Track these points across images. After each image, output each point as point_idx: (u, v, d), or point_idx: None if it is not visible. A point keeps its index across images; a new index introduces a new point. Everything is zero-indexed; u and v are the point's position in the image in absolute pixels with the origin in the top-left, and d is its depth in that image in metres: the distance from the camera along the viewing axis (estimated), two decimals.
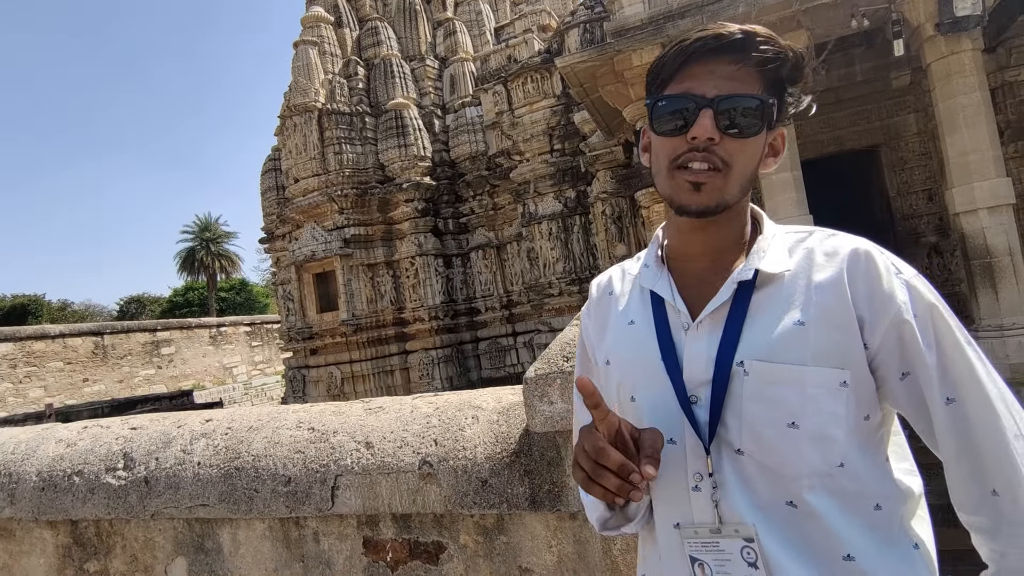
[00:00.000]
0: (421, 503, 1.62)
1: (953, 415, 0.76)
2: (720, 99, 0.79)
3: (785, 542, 0.76)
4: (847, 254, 0.80)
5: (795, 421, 0.76)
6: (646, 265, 0.93)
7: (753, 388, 0.78)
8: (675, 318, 0.86)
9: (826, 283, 0.79)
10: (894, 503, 0.79)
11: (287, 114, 11.42)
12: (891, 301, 0.77)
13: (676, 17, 6.52)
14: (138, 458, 2.02)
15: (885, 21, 6.07)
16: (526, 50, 11.76)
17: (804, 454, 0.76)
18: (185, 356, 20.61)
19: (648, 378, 0.85)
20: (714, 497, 0.79)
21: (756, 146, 0.82)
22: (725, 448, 0.80)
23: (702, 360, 0.81)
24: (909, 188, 8.37)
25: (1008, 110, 7.53)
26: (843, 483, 0.76)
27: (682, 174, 0.81)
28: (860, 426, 0.78)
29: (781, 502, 0.77)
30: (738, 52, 0.80)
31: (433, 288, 11.17)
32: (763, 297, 0.81)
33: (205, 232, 34.91)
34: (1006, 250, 5.60)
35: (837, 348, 0.77)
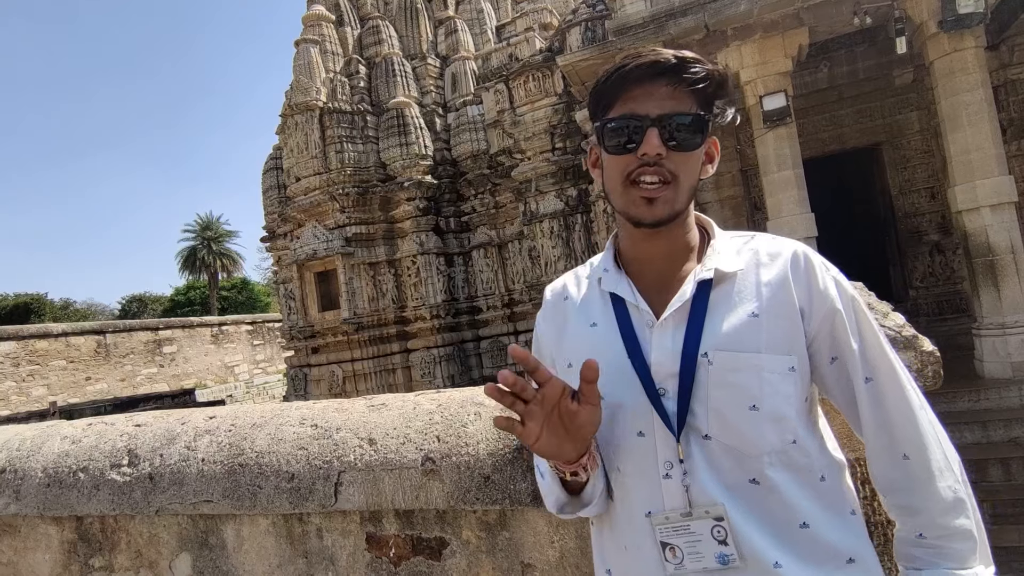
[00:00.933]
0: (424, 499, 1.63)
1: (871, 392, 0.88)
2: (663, 118, 0.87)
3: (750, 516, 0.83)
4: (789, 255, 0.91)
5: (755, 404, 0.84)
6: (605, 270, 0.99)
7: (717, 376, 0.85)
8: (638, 317, 0.92)
9: (774, 280, 0.89)
10: (835, 473, 0.89)
11: (288, 113, 11.43)
12: (826, 294, 0.88)
13: (678, 15, 6.52)
14: (143, 455, 2.03)
15: (887, 19, 6.07)
16: (528, 48, 11.76)
17: (764, 434, 0.85)
18: (187, 355, 20.64)
19: (615, 376, 0.90)
20: (684, 482, 0.85)
21: (698, 157, 0.91)
22: (693, 435, 0.87)
23: (668, 354, 0.88)
24: (911, 186, 8.36)
25: (1011, 108, 7.53)
26: (796, 458, 0.86)
27: (635, 190, 0.89)
28: (803, 406, 0.88)
29: (745, 480, 0.85)
30: (672, 75, 0.88)
31: (435, 287, 11.18)
32: (720, 294, 0.90)
33: (206, 231, 34.96)
34: (1008, 248, 5.60)
35: (786, 336, 0.87)
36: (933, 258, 8.16)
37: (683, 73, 0.87)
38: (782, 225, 6.48)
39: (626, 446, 0.90)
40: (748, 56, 6.52)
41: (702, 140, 0.89)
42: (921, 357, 1.12)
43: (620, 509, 0.92)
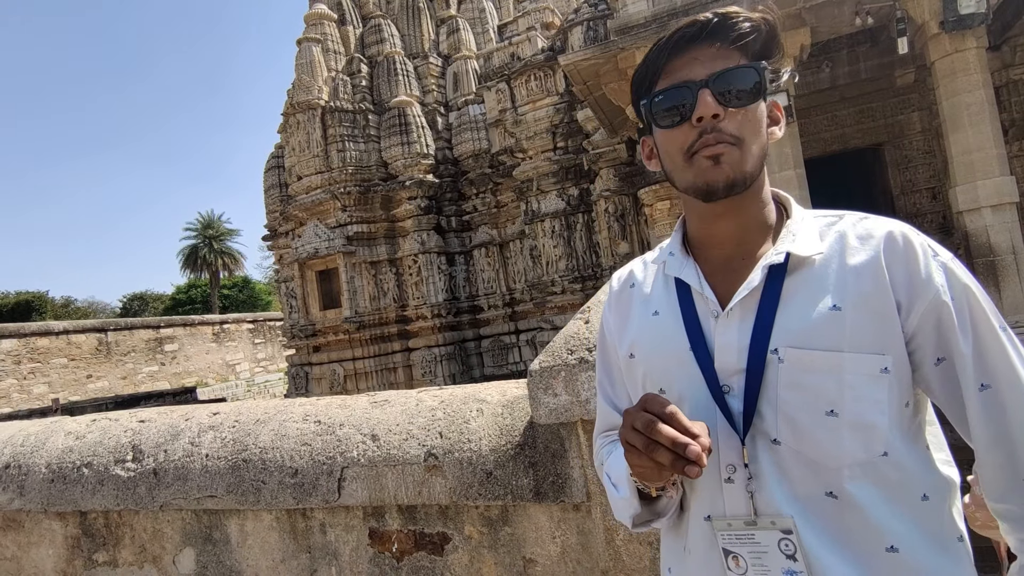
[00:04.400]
0: (427, 495, 1.64)
1: (987, 402, 0.74)
2: (713, 77, 0.78)
3: (824, 534, 0.74)
4: (883, 236, 0.78)
5: (834, 409, 0.75)
6: (671, 253, 0.90)
7: (788, 376, 0.76)
8: (703, 306, 0.84)
9: (862, 267, 0.77)
10: (940, 493, 0.78)
11: (290, 112, 11.44)
12: (929, 283, 0.75)
13: (680, 14, 6.51)
14: (147, 450, 2.04)
15: (889, 19, 6.06)
16: (529, 48, 11.77)
17: (844, 443, 0.74)
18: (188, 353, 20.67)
19: (677, 369, 0.83)
20: (749, 488, 0.78)
21: (759, 115, 0.81)
22: (760, 438, 0.78)
23: (734, 349, 0.80)
24: (913, 186, 8.36)
25: (1013, 108, 7.52)
26: (887, 472, 0.75)
27: (699, 157, 0.80)
28: (902, 413, 0.77)
29: (820, 493, 0.75)
30: (716, 35, 0.80)
31: (436, 286, 11.19)
32: (795, 282, 0.79)
33: (208, 229, 34.98)
34: (1009, 248, 5.59)
35: (876, 333, 0.75)
36: None
37: (727, 29, 0.79)
38: None
39: None
40: None
41: (760, 92, 0.80)
42: None
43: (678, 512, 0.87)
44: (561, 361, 1.46)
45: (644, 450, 0.71)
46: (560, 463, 1.52)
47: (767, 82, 0.81)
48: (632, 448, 0.73)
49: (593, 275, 10.11)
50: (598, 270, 10.12)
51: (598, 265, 10.22)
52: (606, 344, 0.99)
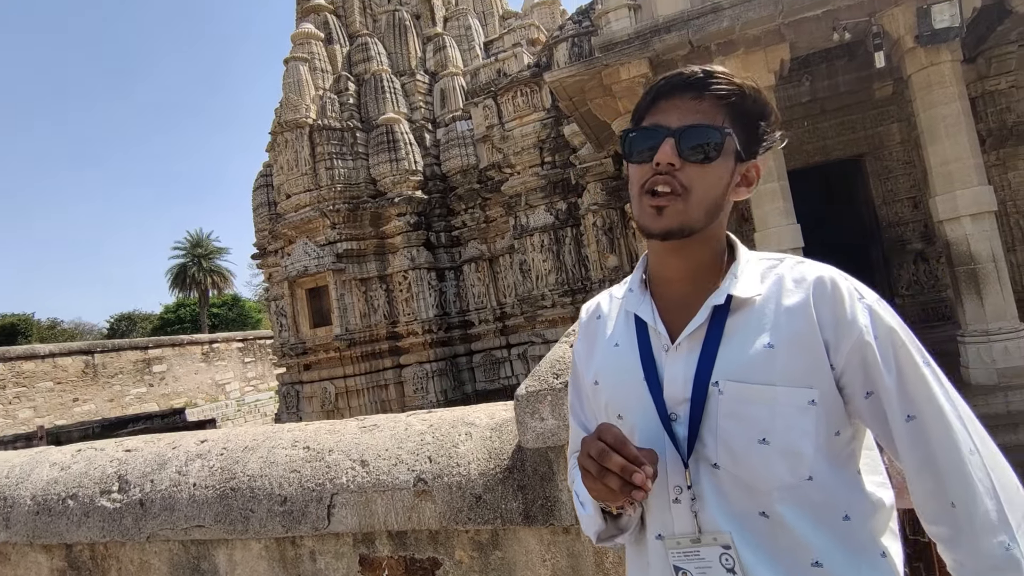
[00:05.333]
0: (416, 520, 1.64)
1: (913, 431, 0.80)
2: (682, 129, 0.85)
3: (758, 549, 0.81)
4: (813, 281, 0.85)
5: (765, 437, 0.81)
6: (631, 289, 0.98)
7: (727, 407, 0.83)
8: (656, 340, 0.91)
9: (794, 308, 0.84)
10: (863, 514, 0.83)
11: (278, 130, 11.47)
12: (853, 325, 0.81)
13: (662, 31, 6.62)
14: (133, 480, 2.03)
15: (866, 34, 6.20)
16: (515, 64, 11.89)
17: (774, 468, 0.81)
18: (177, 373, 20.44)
19: (633, 397, 0.91)
20: (693, 508, 0.84)
21: (718, 173, 0.87)
22: (703, 462, 0.85)
23: (680, 380, 0.87)
24: (894, 196, 8.49)
25: (989, 118, 7.69)
26: (812, 495, 0.81)
27: (648, 199, 0.87)
28: (831, 441, 0.83)
29: (754, 512, 0.82)
30: (698, 88, 0.86)
31: (426, 301, 11.18)
32: (737, 320, 0.86)
33: (197, 248, 34.78)
34: (989, 256, 5.69)
35: (805, 369, 0.82)
36: (918, 266, 8.28)
37: (707, 86, 0.86)
38: (769, 236, 6.56)
39: None
40: (732, 70, 6.60)
41: (719, 155, 0.86)
42: None
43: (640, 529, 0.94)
44: (547, 385, 1.47)
45: (597, 476, 0.79)
46: (549, 486, 1.53)
47: (736, 147, 0.87)
48: (587, 473, 0.81)
49: (583, 288, 10.15)
50: (588, 283, 10.17)
51: (588, 278, 10.27)
52: (576, 370, 1.06)
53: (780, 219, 6.53)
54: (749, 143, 0.88)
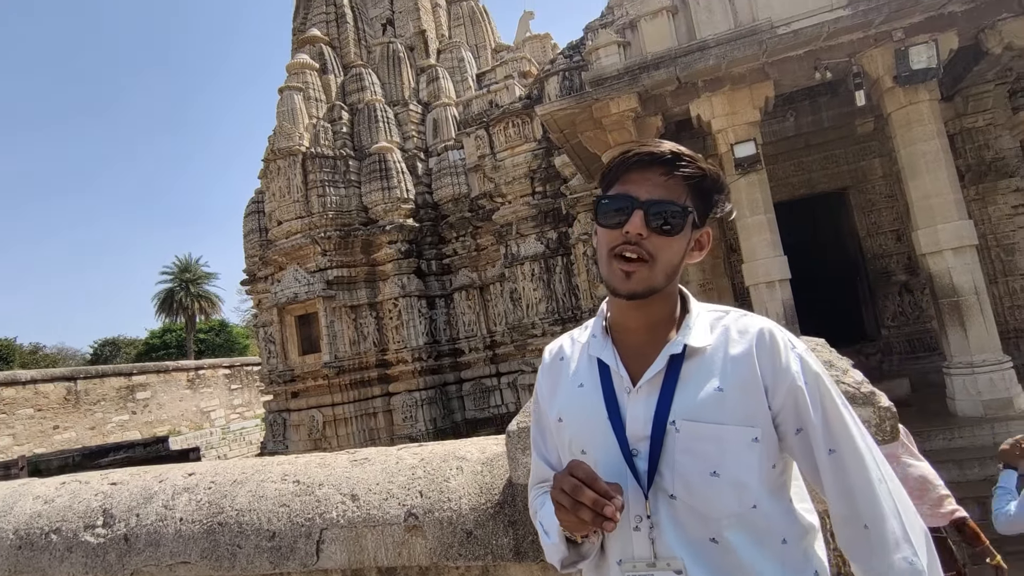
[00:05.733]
0: (407, 555, 1.63)
1: (833, 463, 0.92)
2: (650, 203, 0.95)
3: (707, 571, 0.91)
4: (755, 333, 0.97)
5: (716, 471, 0.91)
6: (594, 335, 1.07)
7: (683, 443, 0.93)
8: (619, 382, 1.00)
9: (739, 356, 0.95)
10: (798, 537, 0.95)
11: (271, 158, 11.55)
12: (788, 371, 0.93)
13: (651, 68, 6.80)
14: (118, 514, 1.99)
15: (846, 73, 6.41)
16: (507, 95, 12.11)
17: (724, 498, 0.91)
18: (161, 400, 20.10)
19: (597, 434, 0.99)
20: (651, 536, 0.94)
21: (679, 242, 0.98)
22: (660, 493, 0.94)
23: (641, 419, 0.96)
24: (878, 229, 8.66)
25: (968, 155, 7.92)
26: (756, 521, 0.92)
27: (617, 263, 0.97)
28: (769, 473, 0.94)
29: (706, 538, 0.92)
30: (667, 166, 0.97)
31: (416, 329, 11.15)
32: (691, 366, 0.97)
33: (185, 273, 34.54)
34: (972, 289, 5.80)
35: (749, 410, 0.93)
36: (902, 298, 8.40)
37: (675, 165, 0.96)
38: (757, 268, 6.65)
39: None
40: (718, 106, 6.80)
41: (682, 228, 0.96)
42: (879, 412, 1.18)
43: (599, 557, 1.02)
44: None
45: (571, 509, 0.87)
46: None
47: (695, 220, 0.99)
48: (560, 506, 0.89)
49: (573, 317, 10.18)
50: (578, 312, 10.20)
51: (578, 307, 10.31)
52: (540, 407, 1.15)
53: (768, 251, 6.64)
54: (704, 214, 1.01)
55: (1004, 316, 7.59)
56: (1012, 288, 7.59)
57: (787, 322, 6.39)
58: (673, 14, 6.91)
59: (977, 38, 6.21)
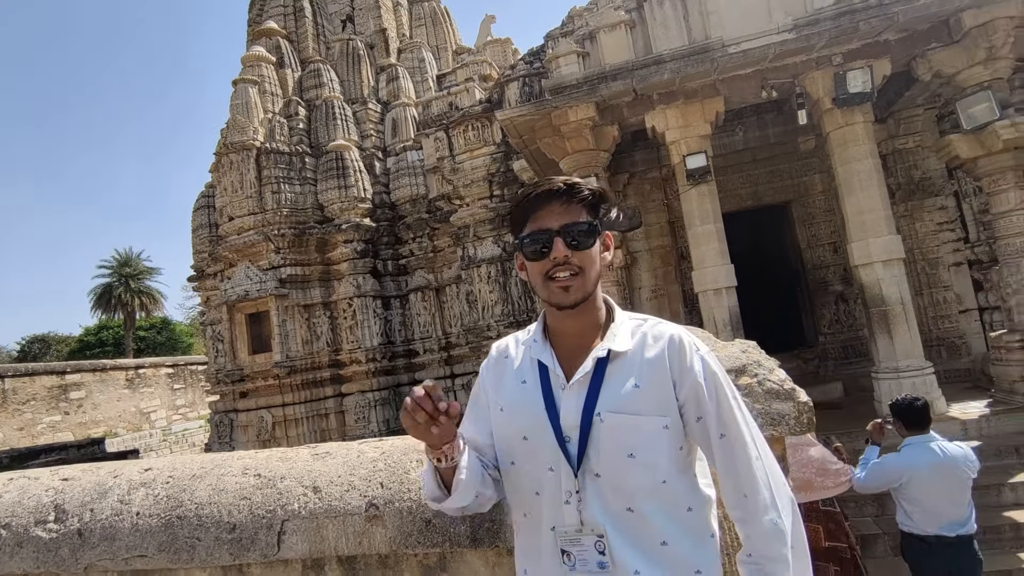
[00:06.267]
0: (367, 544, 1.69)
1: (723, 445, 1.13)
2: (563, 228, 1.15)
3: (624, 536, 1.11)
4: (667, 338, 1.17)
5: (633, 453, 1.11)
6: (535, 340, 1.26)
7: (606, 431, 1.12)
8: (555, 380, 1.19)
9: (654, 359, 1.15)
10: (700, 506, 1.16)
11: (224, 151, 11.25)
12: (691, 370, 1.14)
13: (609, 79, 7.02)
14: (71, 509, 1.98)
15: (791, 93, 6.78)
16: (467, 98, 12.17)
17: (639, 475, 1.11)
18: (97, 401, 19.17)
19: (536, 424, 1.18)
20: (579, 508, 1.13)
21: (594, 251, 1.18)
22: (588, 473, 1.13)
23: (573, 411, 1.15)
24: (817, 241, 9.15)
25: (899, 174, 8.47)
26: (665, 494, 1.12)
27: (553, 283, 1.16)
28: (677, 455, 1.14)
29: (623, 509, 1.12)
30: (564, 195, 1.17)
31: (371, 330, 11.07)
32: (614, 367, 1.16)
33: (125, 267, 32.98)
34: (899, 300, 6.23)
35: (660, 402, 1.13)
36: (838, 306, 8.91)
37: (572, 193, 1.16)
38: (705, 275, 6.95)
39: (542, 478, 1.18)
40: (672, 119, 7.08)
41: (595, 240, 1.18)
42: (798, 406, 1.33)
43: (535, 524, 1.20)
44: None
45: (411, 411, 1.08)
46: (495, 510, 1.61)
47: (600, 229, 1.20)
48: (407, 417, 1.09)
49: (528, 320, 10.32)
50: (532, 315, 10.35)
51: (533, 311, 10.46)
52: (479, 397, 1.33)
53: (716, 259, 6.95)
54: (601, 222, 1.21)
55: (928, 325, 8.15)
56: (936, 299, 8.17)
57: (732, 327, 6.70)
58: (631, 27, 7.14)
59: (909, 65, 6.68)
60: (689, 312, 8.84)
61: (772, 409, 1.48)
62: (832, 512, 3.24)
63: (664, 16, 6.95)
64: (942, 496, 3.32)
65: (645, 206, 9.45)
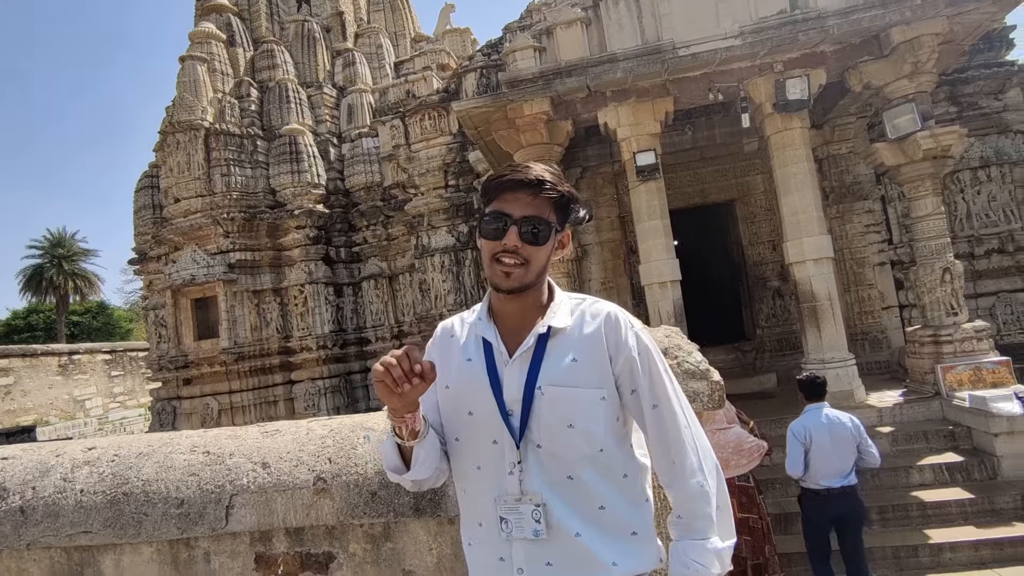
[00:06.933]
0: (315, 516, 1.78)
1: (655, 415, 1.21)
2: (522, 219, 1.19)
3: (564, 503, 1.18)
4: (604, 315, 1.23)
5: (572, 423, 1.17)
6: (480, 319, 1.31)
7: (547, 404, 1.18)
8: (499, 356, 1.24)
9: (591, 334, 1.22)
10: (635, 472, 1.24)
11: (169, 130, 10.87)
12: (626, 345, 1.20)
13: (564, 75, 7.17)
14: (11, 487, 1.98)
15: (736, 96, 7.09)
16: (425, 87, 12.11)
17: (577, 445, 1.17)
18: (26, 387, 18.23)
19: (480, 398, 1.23)
20: (520, 477, 1.19)
21: (546, 248, 1.23)
22: (529, 444, 1.19)
23: (515, 385, 1.20)
24: (758, 239, 9.60)
25: (832, 177, 8.97)
26: (603, 461, 1.19)
27: (498, 266, 1.20)
28: (614, 425, 1.21)
29: (563, 477, 1.18)
30: (534, 188, 1.20)
31: (322, 317, 10.96)
32: (554, 343, 1.22)
33: (58, 248, 31.26)
34: (827, 296, 6.65)
35: (597, 375, 1.19)
36: (775, 301, 9.40)
37: (541, 188, 1.20)
38: (651, 269, 7.22)
39: (485, 450, 1.23)
40: (624, 116, 7.29)
41: (548, 238, 1.21)
42: (711, 385, 1.50)
43: (478, 495, 1.25)
44: None
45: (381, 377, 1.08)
46: None
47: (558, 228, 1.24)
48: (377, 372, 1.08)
49: None
50: None
51: None
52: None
53: (662, 254, 7.22)
54: (563, 221, 1.26)
55: (854, 320, 8.70)
56: (861, 296, 8.72)
57: (676, 319, 7.00)
58: (587, 25, 7.30)
59: (843, 76, 7.09)
60: (637, 304, 9.14)
61: (689, 387, 1.65)
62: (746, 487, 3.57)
63: (619, 16, 7.14)
64: (831, 451, 4.09)
65: (597, 200, 9.69)
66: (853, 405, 6.21)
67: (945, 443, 5.99)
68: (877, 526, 5.34)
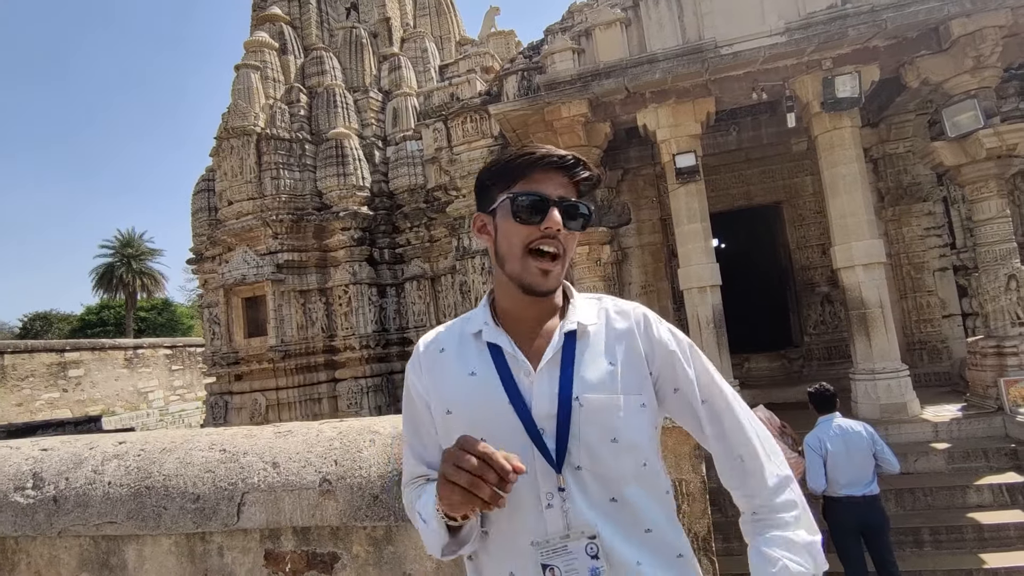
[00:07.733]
0: (320, 517, 1.82)
1: (708, 411, 1.07)
2: (563, 201, 1.04)
3: (615, 530, 0.98)
4: (632, 313, 1.10)
5: (616, 437, 1.00)
6: (485, 323, 1.10)
7: (586, 415, 1.00)
8: (515, 366, 1.04)
9: (623, 333, 1.07)
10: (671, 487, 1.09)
11: (224, 136, 11.35)
12: (662, 342, 1.07)
13: (602, 76, 7.09)
14: (48, 478, 2.11)
15: (781, 95, 6.85)
16: (468, 90, 12.22)
17: (623, 460, 1.00)
18: (95, 379, 19.40)
19: (496, 419, 1.01)
20: (564, 508, 0.98)
21: (576, 238, 1.09)
22: (568, 467, 0.99)
23: (547, 397, 1.00)
24: (806, 242, 9.23)
25: (888, 178, 8.54)
26: (647, 477, 1.03)
27: (534, 261, 1.03)
28: (652, 434, 1.07)
29: (607, 499, 0.99)
30: (569, 169, 1.05)
31: (366, 317, 11.20)
32: (583, 345, 1.05)
33: (127, 248, 33.18)
34: (878, 303, 6.33)
35: (636, 379, 1.04)
36: (824, 308, 9.01)
37: (575, 170, 1.05)
38: (690, 273, 7.05)
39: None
40: (663, 118, 7.16)
41: (586, 225, 1.07)
42: None
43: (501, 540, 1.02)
44: None
45: (468, 487, 0.86)
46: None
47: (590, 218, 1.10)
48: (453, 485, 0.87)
49: None
50: None
51: None
52: (415, 405, 1.14)
53: (702, 258, 7.05)
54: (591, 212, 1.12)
55: (911, 329, 8.25)
56: (919, 303, 8.26)
57: (715, 325, 6.82)
58: (626, 26, 7.21)
59: (898, 72, 6.74)
60: (678, 309, 8.95)
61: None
62: None
63: (659, 15, 7.02)
64: (847, 460, 4.11)
65: (638, 203, 9.54)
66: (906, 419, 5.90)
67: (1006, 462, 5.60)
68: (929, 547, 5.05)
